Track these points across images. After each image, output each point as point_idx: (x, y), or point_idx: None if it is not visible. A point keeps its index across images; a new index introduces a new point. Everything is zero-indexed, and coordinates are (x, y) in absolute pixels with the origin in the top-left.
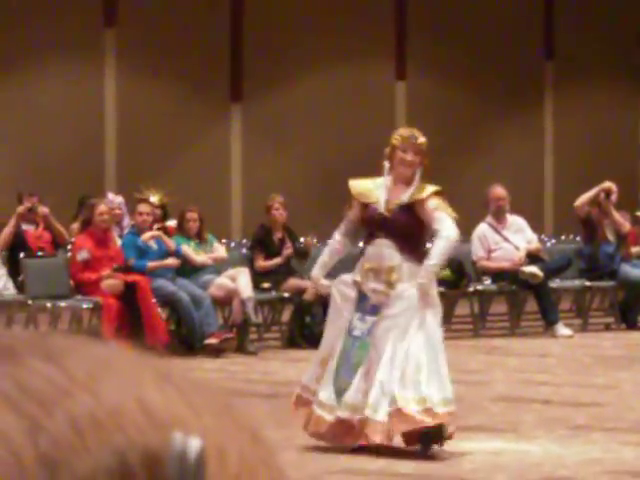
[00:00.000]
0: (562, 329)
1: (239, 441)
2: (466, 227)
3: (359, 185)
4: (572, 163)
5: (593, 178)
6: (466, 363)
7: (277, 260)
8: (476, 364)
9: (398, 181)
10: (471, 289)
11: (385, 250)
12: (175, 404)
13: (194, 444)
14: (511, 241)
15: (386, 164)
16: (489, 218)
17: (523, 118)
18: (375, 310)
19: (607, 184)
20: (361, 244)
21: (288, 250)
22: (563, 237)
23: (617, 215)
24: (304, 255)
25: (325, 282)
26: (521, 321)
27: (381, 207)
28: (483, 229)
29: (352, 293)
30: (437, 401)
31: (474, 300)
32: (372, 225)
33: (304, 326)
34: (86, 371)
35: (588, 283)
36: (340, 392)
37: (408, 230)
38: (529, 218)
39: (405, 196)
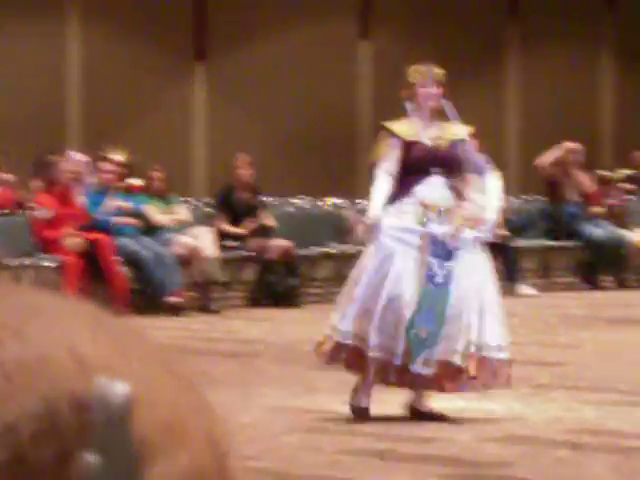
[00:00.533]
0: (526, 288)
1: (171, 390)
2: None
3: (395, 125)
4: (536, 122)
5: (557, 137)
6: None
7: (240, 231)
8: None
9: (428, 117)
10: None
11: (440, 190)
12: (106, 351)
13: (120, 390)
14: (475, 200)
15: (409, 105)
16: None
17: (487, 76)
18: (450, 255)
19: (571, 145)
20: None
21: (252, 224)
22: (527, 197)
23: (581, 175)
24: (267, 231)
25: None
26: None
27: (429, 144)
28: None
29: (413, 238)
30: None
31: None
32: (424, 163)
33: (268, 285)
34: (17, 318)
35: (552, 243)
36: (419, 341)
37: (459, 166)
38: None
39: (457, 130)
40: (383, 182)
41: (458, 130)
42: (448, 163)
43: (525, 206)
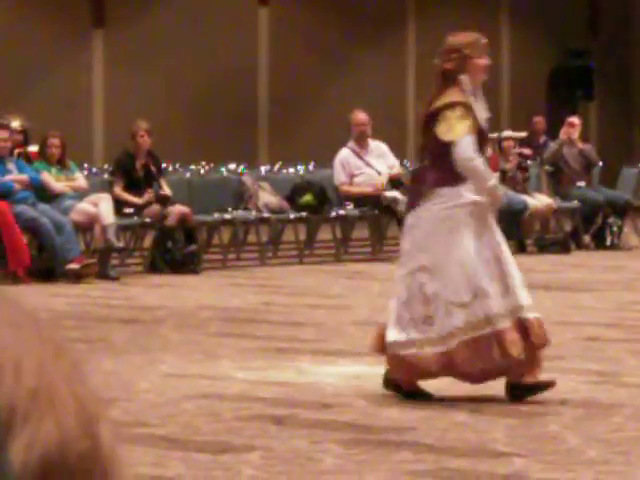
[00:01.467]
0: None
1: (39, 356)
2: (328, 152)
3: (469, 101)
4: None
5: None
6: (328, 288)
7: (137, 200)
8: (338, 289)
9: (476, 92)
10: (333, 214)
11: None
12: None
13: None
14: (373, 166)
15: (465, 78)
16: (351, 143)
17: (386, 42)
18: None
19: None
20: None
21: (149, 195)
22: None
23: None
24: (164, 201)
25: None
26: (383, 246)
27: (485, 126)
28: (345, 154)
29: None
30: None
31: (336, 225)
32: (482, 143)
33: (166, 251)
34: None
35: None
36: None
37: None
38: (392, 143)
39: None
40: (480, 159)
41: (485, 108)
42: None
43: None
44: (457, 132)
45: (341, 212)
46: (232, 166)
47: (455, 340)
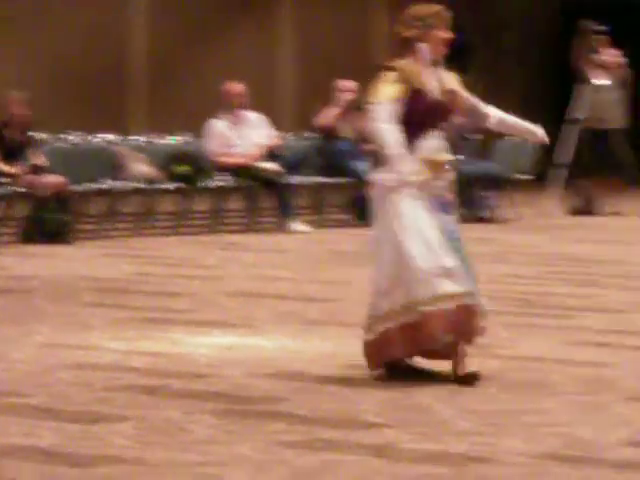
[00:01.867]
0: (298, 225)
1: None
2: (205, 122)
3: (408, 66)
4: (310, 60)
5: (329, 76)
6: (202, 258)
7: (11, 170)
8: (212, 259)
9: (431, 64)
10: (209, 185)
11: (439, 143)
12: None
13: None
14: (249, 137)
15: (423, 46)
16: (227, 114)
17: (261, 11)
18: (447, 209)
19: (347, 86)
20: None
21: (23, 164)
22: (301, 134)
23: (356, 115)
24: (38, 171)
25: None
26: (258, 217)
27: (436, 94)
28: (220, 125)
29: (421, 194)
30: None
31: (211, 196)
32: (429, 115)
33: (40, 221)
34: None
35: (325, 180)
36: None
37: (451, 116)
38: (267, 114)
39: (451, 80)
40: (395, 131)
41: (449, 80)
42: (446, 114)
43: (299, 143)
44: (378, 95)
45: (216, 183)
46: (107, 136)
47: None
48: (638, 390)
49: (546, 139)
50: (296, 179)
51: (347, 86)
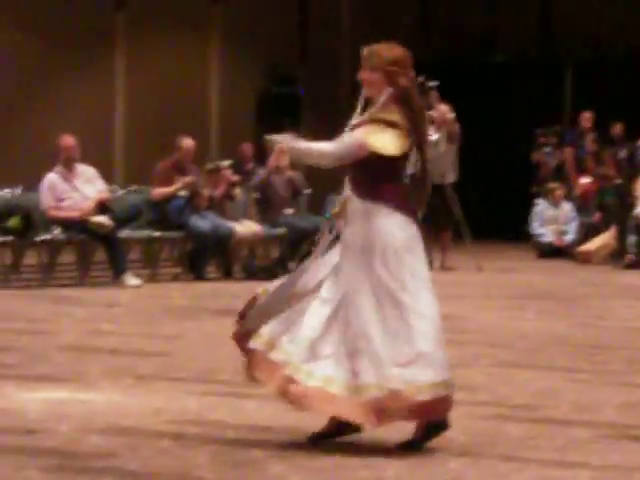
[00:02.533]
0: (131, 279)
1: None
2: (35, 176)
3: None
4: (143, 115)
5: (164, 130)
6: (33, 312)
7: None
8: (43, 313)
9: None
10: (40, 239)
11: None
12: None
13: None
14: (81, 190)
15: (390, 89)
16: (59, 167)
17: (95, 68)
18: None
19: (188, 142)
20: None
21: None
22: (133, 188)
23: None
24: None
25: None
26: (90, 271)
27: None
28: (52, 178)
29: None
30: None
31: (43, 250)
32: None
33: None
34: None
35: (157, 233)
36: None
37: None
38: (99, 168)
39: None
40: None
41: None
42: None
43: (130, 196)
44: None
45: (48, 236)
46: None
47: None
48: (468, 445)
49: None
50: (127, 233)
51: (189, 146)
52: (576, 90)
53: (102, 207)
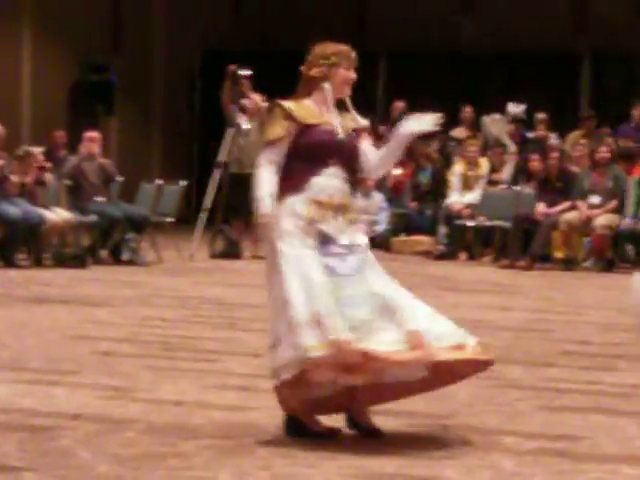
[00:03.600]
0: None
1: None
2: None
3: (295, 105)
4: None
5: None
6: None
7: None
8: None
9: (332, 103)
10: None
11: (336, 182)
12: None
13: None
14: None
15: (327, 85)
16: None
17: None
18: (349, 249)
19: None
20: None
21: None
22: None
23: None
24: None
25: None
26: None
27: (338, 131)
28: None
29: (310, 234)
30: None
31: None
32: (324, 151)
33: None
34: None
35: None
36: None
37: (357, 158)
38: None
39: (356, 120)
40: (267, 173)
41: (357, 119)
42: (348, 154)
43: None
44: (264, 134)
45: None
46: None
47: None
48: (278, 434)
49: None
50: None
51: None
52: (389, 80)
53: None
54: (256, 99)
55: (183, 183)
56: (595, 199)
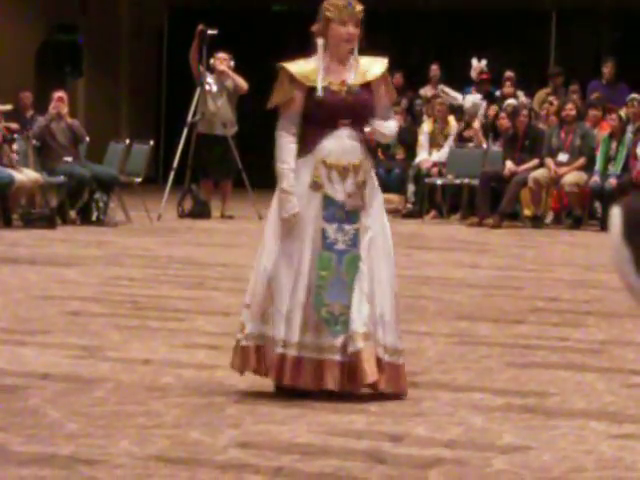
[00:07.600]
0: None
1: None
2: None
3: (297, 67)
4: None
5: None
6: None
7: None
8: None
9: (336, 59)
10: None
11: (347, 142)
12: None
13: None
14: None
15: (320, 41)
16: None
17: None
18: (352, 218)
19: None
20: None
21: None
22: None
23: None
24: None
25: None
26: None
27: (336, 90)
28: None
29: (313, 199)
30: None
31: None
32: (330, 113)
33: None
34: None
35: None
36: (332, 320)
37: (370, 114)
38: None
39: (372, 69)
40: (286, 143)
41: (373, 68)
42: (359, 112)
43: None
44: (272, 99)
45: None
46: None
47: None
48: (245, 393)
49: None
50: None
51: None
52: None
53: None
54: (223, 58)
55: (151, 143)
56: (563, 157)
